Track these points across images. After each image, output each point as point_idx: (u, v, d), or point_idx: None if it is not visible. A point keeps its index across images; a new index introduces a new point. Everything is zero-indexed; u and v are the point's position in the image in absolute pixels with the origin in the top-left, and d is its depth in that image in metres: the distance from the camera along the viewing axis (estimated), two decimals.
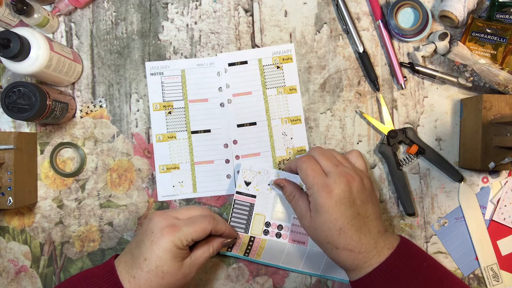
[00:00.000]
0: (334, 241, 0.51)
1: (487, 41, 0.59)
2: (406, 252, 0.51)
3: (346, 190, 0.51)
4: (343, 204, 0.51)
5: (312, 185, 0.52)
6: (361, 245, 0.50)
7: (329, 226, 0.51)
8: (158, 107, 0.64)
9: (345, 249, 0.50)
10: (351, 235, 0.50)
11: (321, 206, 0.51)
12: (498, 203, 0.62)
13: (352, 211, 0.51)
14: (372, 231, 0.52)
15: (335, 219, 0.50)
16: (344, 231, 0.50)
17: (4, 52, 0.51)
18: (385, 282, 0.49)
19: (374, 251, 0.51)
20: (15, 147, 0.57)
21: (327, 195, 0.51)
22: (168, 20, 0.65)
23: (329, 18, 0.64)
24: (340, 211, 0.50)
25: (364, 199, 0.52)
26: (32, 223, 0.64)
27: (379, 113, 0.63)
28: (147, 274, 0.50)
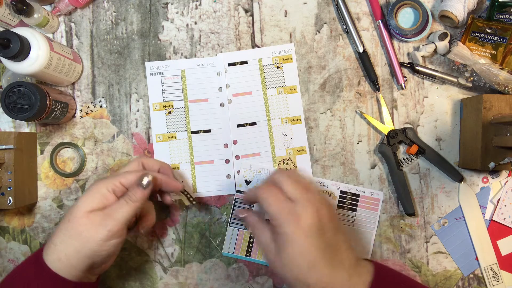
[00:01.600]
0: (305, 278, 0.45)
1: (487, 41, 0.59)
2: (382, 278, 0.47)
3: (316, 218, 0.46)
4: (313, 234, 0.45)
5: (278, 214, 0.46)
6: (335, 281, 0.45)
7: (298, 260, 0.45)
8: (158, 107, 0.64)
9: (317, 286, 0.45)
10: (323, 269, 0.45)
11: (289, 236, 0.45)
12: (498, 203, 0.62)
13: (322, 241, 0.46)
14: (344, 264, 0.47)
15: (305, 251, 0.45)
16: (315, 265, 0.45)
17: (4, 52, 0.51)
18: None
19: (348, 283, 0.46)
20: (15, 147, 0.57)
21: (295, 224, 0.45)
22: (168, 20, 0.65)
23: (329, 18, 0.64)
24: (310, 242, 0.45)
25: (333, 228, 0.47)
26: (32, 223, 0.64)
27: (379, 113, 0.63)
28: (58, 231, 0.49)
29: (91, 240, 0.48)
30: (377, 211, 0.63)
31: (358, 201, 0.63)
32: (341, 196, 0.63)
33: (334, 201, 0.54)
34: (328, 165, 0.63)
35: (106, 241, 0.48)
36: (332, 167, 0.63)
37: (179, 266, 0.63)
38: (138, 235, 0.63)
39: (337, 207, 0.63)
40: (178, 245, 0.63)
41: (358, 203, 0.63)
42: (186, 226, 0.63)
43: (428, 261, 0.63)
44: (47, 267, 0.48)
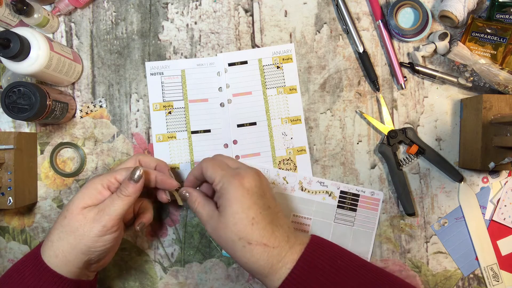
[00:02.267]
0: (247, 235, 0.47)
1: (487, 41, 0.59)
2: (319, 247, 0.49)
3: (257, 179, 0.50)
4: (255, 193, 0.48)
5: (222, 176, 0.50)
6: (275, 239, 0.48)
7: (241, 217, 0.47)
8: (158, 107, 0.64)
9: (259, 244, 0.47)
10: (265, 226, 0.47)
11: (232, 195, 0.48)
12: (498, 203, 0.62)
13: (264, 202, 0.49)
14: (283, 226, 0.49)
15: (248, 208, 0.47)
16: (258, 222, 0.47)
17: (4, 52, 0.51)
18: (303, 282, 0.46)
19: (287, 246, 0.48)
20: (15, 147, 0.57)
21: (238, 183, 0.48)
22: (168, 20, 0.65)
23: (329, 18, 0.64)
24: (253, 200, 0.48)
25: (272, 195, 0.51)
26: (32, 223, 0.64)
27: (379, 113, 0.63)
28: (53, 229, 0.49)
29: (86, 236, 0.48)
30: (377, 211, 0.63)
31: (358, 201, 0.63)
32: (341, 196, 0.63)
33: None
34: (328, 165, 0.63)
35: (101, 236, 0.49)
36: (332, 167, 0.63)
37: (179, 266, 0.63)
38: (136, 233, 0.63)
39: (337, 207, 0.63)
40: (178, 245, 0.63)
41: (358, 203, 0.63)
42: (186, 226, 0.63)
43: (428, 261, 0.63)
44: (45, 264, 0.49)
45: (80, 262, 0.49)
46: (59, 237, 0.49)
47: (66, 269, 0.49)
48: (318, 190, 0.63)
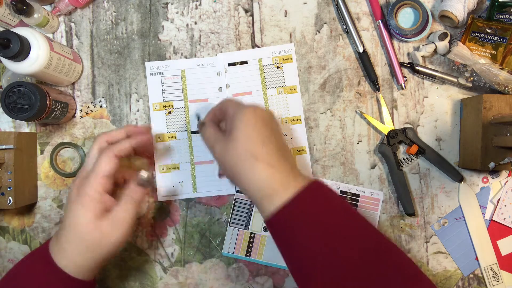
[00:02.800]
0: (257, 151, 0.48)
1: (487, 41, 0.59)
2: (322, 185, 0.49)
3: (270, 114, 0.52)
4: (266, 122, 0.51)
5: (237, 106, 0.52)
6: (281, 164, 0.48)
7: (252, 135, 0.49)
8: (158, 107, 0.64)
9: (266, 163, 0.48)
10: (273, 150, 0.49)
11: (246, 117, 0.50)
12: (498, 203, 0.62)
13: (274, 133, 0.51)
14: (289, 159, 0.50)
15: (260, 129, 0.49)
16: (267, 144, 0.49)
17: (4, 52, 0.51)
18: (300, 213, 0.46)
19: (291, 174, 0.48)
20: (15, 147, 0.57)
21: (252, 110, 0.50)
22: (168, 20, 0.65)
23: (329, 18, 0.64)
24: (264, 126, 0.50)
25: (282, 134, 0.53)
26: (32, 223, 0.64)
27: (379, 113, 0.63)
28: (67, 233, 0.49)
29: (107, 246, 0.50)
30: (377, 211, 0.63)
31: (358, 201, 0.63)
32: (341, 196, 0.63)
33: None
34: (328, 165, 0.63)
35: (122, 241, 0.51)
36: (332, 167, 0.63)
37: (179, 266, 0.63)
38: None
39: None
40: (178, 245, 0.63)
41: (358, 203, 0.63)
42: (186, 226, 0.63)
43: (428, 261, 0.63)
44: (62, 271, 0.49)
45: (99, 267, 0.52)
46: (78, 252, 0.49)
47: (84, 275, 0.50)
48: None
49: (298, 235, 0.46)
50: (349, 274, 0.44)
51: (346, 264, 0.44)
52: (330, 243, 0.45)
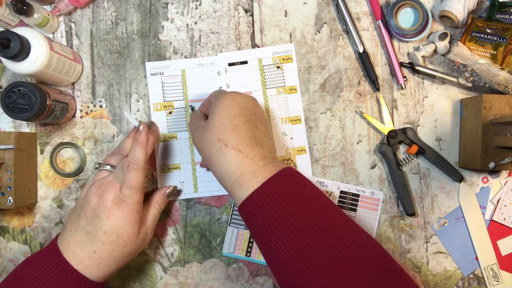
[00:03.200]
0: (226, 137, 0.49)
1: (487, 41, 0.59)
2: (293, 174, 0.49)
3: (252, 101, 0.53)
4: (244, 107, 0.51)
5: (220, 92, 0.53)
6: (251, 150, 0.49)
7: (224, 122, 0.49)
8: (159, 107, 0.64)
9: (234, 148, 0.48)
10: (244, 136, 0.49)
11: (222, 102, 0.51)
12: (498, 203, 0.62)
13: (252, 119, 0.51)
14: (264, 146, 0.50)
15: (233, 115, 0.50)
16: (239, 130, 0.49)
17: (4, 52, 0.51)
18: (269, 200, 0.46)
19: (261, 162, 0.48)
20: (15, 147, 0.57)
21: (231, 96, 0.51)
22: (168, 20, 0.65)
23: (329, 18, 0.64)
24: (240, 111, 0.50)
25: (264, 122, 0.53)
26: (32, 223, 0.64)
27: (379, 113, 0.63)
28: (109, 245, 0.51)
29: (138, 251, 0.55)
30: (377, 211, 0.63)
31: (358, 201, 0.63)
32: (341, 196, 0.63)
33: None
34: (328, 165, 0.63)
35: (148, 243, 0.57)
36: (332, 167, 0.63)
37: (179, 266, 0.63)
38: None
39: None
40: (178, 245, 0.63)
41: (358, 203, 0.63)
42: (186, 226, 0.63)
43: (428, 261, 0.63)
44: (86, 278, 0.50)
45: None
46: (110, 262, 0.52)
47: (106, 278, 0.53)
48: None
49: (265, 221, 0.46)
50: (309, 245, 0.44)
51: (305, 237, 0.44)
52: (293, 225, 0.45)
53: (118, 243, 0.51)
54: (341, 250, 0.43)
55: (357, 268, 0.43)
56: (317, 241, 0.44)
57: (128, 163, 0.52)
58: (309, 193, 0.48)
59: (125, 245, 0.52)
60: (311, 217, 0.45)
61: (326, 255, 0.43)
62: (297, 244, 0.44)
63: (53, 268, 0.49)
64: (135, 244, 0.53)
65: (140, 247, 0.55)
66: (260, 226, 0.46)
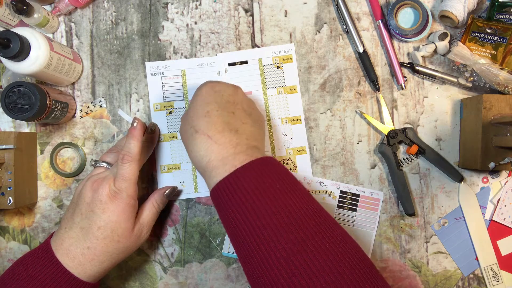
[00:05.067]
0: (197, 124, 0.49)
1: (487, 41, 0.59)
2: (266, 165, 0.46)
3: (231, 90, 0.52)
4: (221, 96, 0.51)
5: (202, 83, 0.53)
6: (222, 136, 0.48)
7: (197, 108, 0.50)
8: (159, 107, 0.64)
9: (203, 134, 0.48)
10: (216, 122, 0.48)
11: (199, 91, 0.52)
12: (498, 203, 0.62)
13: (229, 107, 0.51)
14: (240, 134, 0.49)
15: (206, 103, 0.50)
16: (210, 116, 0.49)
17: (4, 52, 0.51)
18: (231, 191, 0.44)
19: (231, 149, 0.47)
20: (15, 147, 0.57)
21: (209, 85, 0.52)
22: (168, 20, 0.65)
23: (329, 18, 0.64)
24: (215, 99, 0.50)
25: (246, 111, 0.53)
26: (32, 223, 0.64)
27: (379, 113, 0.63)
28: (103, 241, 0.50)
29: (134, 248, 0.55)
30: (377, 211, 0.63)
31: (358, 201, 0.63)
32: (341, 196, 0.63)
33: None
34: (328, 165, 0.63)
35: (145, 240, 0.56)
36: (332, 167, 0.63)
37: (179, 266, 0.63)
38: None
39: (337, 207, 0.63)
40: (178, 245, 0.63)
41: (358, 203, 0.63)
42: (186, 226, 0.63)
43: (428, 261, 0.63)
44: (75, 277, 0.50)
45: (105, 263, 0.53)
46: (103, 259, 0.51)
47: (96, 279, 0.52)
48: (318, 190, 0.63)
49: (228, 212, 0.45)
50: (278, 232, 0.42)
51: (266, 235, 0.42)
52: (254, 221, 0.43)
53: (112, 238, 0.51)
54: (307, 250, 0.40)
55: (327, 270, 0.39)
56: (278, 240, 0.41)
57: (123, 156, 0.52)
58: (280, 187, 0.44)
59: (119, 240, 0.51)
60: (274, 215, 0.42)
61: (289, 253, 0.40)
62: (256, 239, 0.42)
63: (45, 267, 0.49)
64: (129, 240, 0.52)
65: (135, 244, 0.54)
66: (223, 215, 0.46)
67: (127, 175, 0.51)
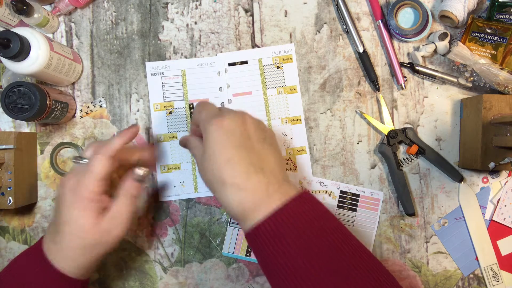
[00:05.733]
0: (222, 174, 0.45)
1: (487, 41, 0.59)
2: (302, 203, 0.45)
3: (240, 121, 0.48)
4: (234, 134, 0.47)
5: (205, 118, 0.49)
6: (250, 181, 0.45)
7: (216, 157, 0.46)
8: (159, 107, 0.64)
9: (231, 185, 0.45)
10: (239, 167, 0.45)
11: (210, 136, 0.47)
12: (498, 203, 0.62)
13: (246, 144, 0.47)
14: (266, 171, 0.46)
15: (224, 147, 0.46)
16: (233, 162, 0.45)
17: (4, 52, 0.51)
18: (271, 237, 0.43)
19: (264, 192, 0.45)
20: (15, 147, 0.57)
21: (218, 124, 0.47)
22: (168, 20, 0.65)
23: (329, 18, 0.64)
24: (230, 140, 0.46)
25: (261, 139, 0.49)
26: (32, 223, 0.64)
27: (379, 113, 0.63)
28: (68, 235, 0.49)
29: (106, 247, 0.51)
30: (377, 211, 0.63)
31: (358, 201, 0.63)
32: (341, 196, 0.63)
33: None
34: (328, 165, 0.63)
35: (121, 238, 0.52)
36: (332, 167, 0.63)
37: (179, 266, 0.63)
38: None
39: (337, 207, 0.63)
40: (178, 245, 0.63)
41: (358, 203, 0.63)
42: (186, 226, 0.63)
43: (428, 261, 0.63)
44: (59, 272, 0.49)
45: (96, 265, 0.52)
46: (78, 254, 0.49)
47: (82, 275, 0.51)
48: (318, 190, 0.63)
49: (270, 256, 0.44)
50: None
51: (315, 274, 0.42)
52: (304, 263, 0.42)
53: (76, 234, 0.49)
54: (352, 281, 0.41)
55: None
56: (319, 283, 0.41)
57: (97, 149, 0.51)
58: (318, 226, 0.44)
59: (84, 236, 0.49)
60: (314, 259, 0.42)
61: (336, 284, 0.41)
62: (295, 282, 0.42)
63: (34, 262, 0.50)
64: (94, 235, 0.49)
65: (105, 239, 0.50)
66: (262, 258, 0.45)
67: (94, 169, 0.49)
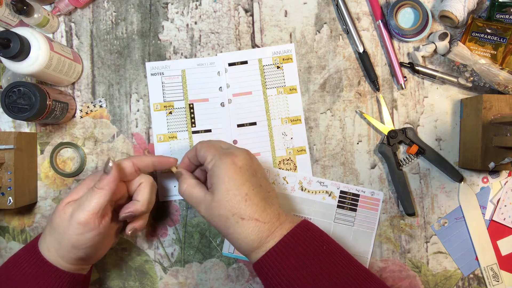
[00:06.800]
0: (240, 210, 0.48)
1: (487, 41, 0.59)
2: (309, 228, 0.50)
3: (248, 158, 0.51)
4: (246, 171, 0.50)
5: (214, 155, 0.51)
6: (266, 214, 0.49)
7: (234, 193, 0.48)
8: (159, 107, 0.64)
9: (251, 219, 0.48)
10: (257, 203, 0.49)
11: (225, 173, 0.49)
12: (498, 203, 0.62)
13: (256, 180, 0.50)
14: (274, 204, 0.51)
15: (241, 184, 0.48)
16: (250, 198, 0.48)
17: (4, 52, 0.51)
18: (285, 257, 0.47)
19: (277, 222, 0.49)
20: (15, 147, 0.57)
21: (230, 161, 0.49)
22: (168, 20, 0.65)
23: (329, 18, 0.64)
24: (245, 177, 0.49)
25: (263, 174, 0.53)
26: (32, 223, 0.64)
27: (379, 113, 0.63)
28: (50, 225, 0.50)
29: (66, 234, 0.48)
30: (377, 211, 0.63)
31: (358, 201, 0.63)
32: (341, 196, 0.63)
33: None
34: (328, 165, 0.63)
35: (81, 234, 0.48)
36: (332, 167, 0.63)
37: (179, 266, 0.63)
38: (128, 237, 0.63)
39: (337, 207, 0.63)
40: (178, 245, 0.63)
41: (358, 203, 0.63)
42: (186, 226, 0.63)
43: (428, 261, 0.63)
44: (41, 256, 0.50)
45: (69, 258, 0.50)
46: (49, 232, 0.50)
47: (59, 263, 0.50)
48: (318, 190, 0.63)
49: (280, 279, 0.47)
50: None
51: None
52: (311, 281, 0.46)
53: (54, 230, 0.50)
54: None
55: None
56: None
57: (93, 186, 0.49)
58: (326, 249, 0.48)
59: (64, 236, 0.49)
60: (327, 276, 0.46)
61: None
62: None
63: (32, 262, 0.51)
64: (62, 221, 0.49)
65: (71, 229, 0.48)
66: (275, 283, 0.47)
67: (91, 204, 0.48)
